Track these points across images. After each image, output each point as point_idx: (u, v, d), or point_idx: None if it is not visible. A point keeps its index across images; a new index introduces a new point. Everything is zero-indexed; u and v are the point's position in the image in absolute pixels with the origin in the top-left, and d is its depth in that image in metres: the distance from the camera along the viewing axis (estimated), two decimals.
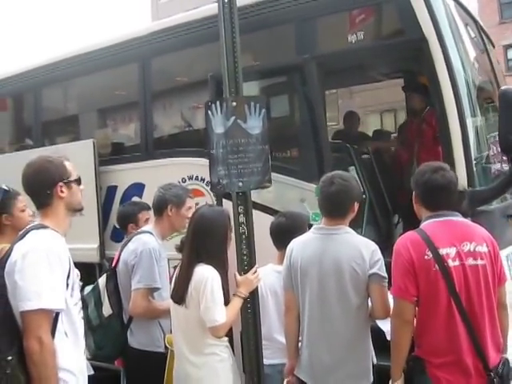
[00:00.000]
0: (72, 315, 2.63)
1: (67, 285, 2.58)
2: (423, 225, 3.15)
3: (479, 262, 3.00)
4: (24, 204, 3.56)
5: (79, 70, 6.58)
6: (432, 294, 2.98)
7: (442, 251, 2.98)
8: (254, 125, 3.47)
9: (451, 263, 2.96)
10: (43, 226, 2.66)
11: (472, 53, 5.16)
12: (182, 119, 6.43)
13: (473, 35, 5.40)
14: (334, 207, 3.36)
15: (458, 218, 3.15)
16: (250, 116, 3.47)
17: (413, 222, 5.64)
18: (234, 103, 3.47)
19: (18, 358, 2.42)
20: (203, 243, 3.43)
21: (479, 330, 2.98)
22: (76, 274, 2.76)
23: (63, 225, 2.79)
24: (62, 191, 2.73)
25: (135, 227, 4.67)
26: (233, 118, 3.46)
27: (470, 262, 2.99)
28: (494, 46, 6.51)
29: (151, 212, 4.42)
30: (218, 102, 3.48)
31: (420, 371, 3.03)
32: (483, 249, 3.03)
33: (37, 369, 2.42)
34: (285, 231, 3.83)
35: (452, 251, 2.98)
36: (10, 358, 2.39)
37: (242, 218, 3.49)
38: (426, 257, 2.98)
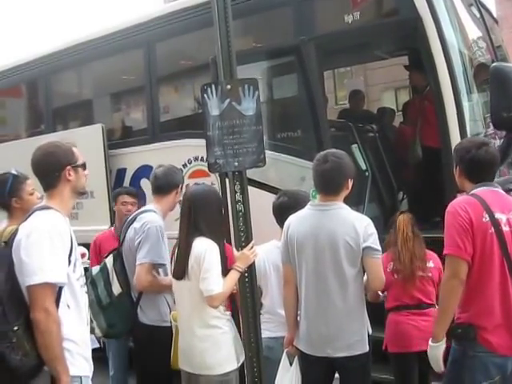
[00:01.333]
0: (74, 289, 2.79)
1: (69, 261, 2.74)
2: (475, 191, 3.17)
3: None
4: (32, 187, 3.67)
5: (85, 56, 6.73)
6: (487, 256, 3.02)
7: (497, 216, 3.04)
8: (248, 106, 3.55)
9: (504, 228, 3.03)
10: (46, 207, 2.81)
11: (470, 31, 5.17)
12: (187, 102, 6.54)
13: (472, 13, 5.41)
14: (327, 184, 3.43)
15: (501, 190, 3.23)
16: (245, 98, 3.55)
17: (418, 198, 5.77)
18: (229, 86, 3.55)
19: (24, 329, 2.59)
20: (200, 217, 3.52)
21: None
22: (79, 251, 2.91)
23: (67, 206, 2.94)
24: (69, 174, 2.87)
25: None
26: (228, 100, 3.54)
27: None
28: (497, 23, 6.52)
29: None
30: (213, 86, 3.57)
31: (471, 338, 3.05)
32: None
33: (43, 337, 2.60)
34: (287, 210, 3.86)
35: (503, 217, 3.05)
36: (16, 328, 2.56)
37: (238, 196, 3.58)
38: (483, 219, 3.02)
